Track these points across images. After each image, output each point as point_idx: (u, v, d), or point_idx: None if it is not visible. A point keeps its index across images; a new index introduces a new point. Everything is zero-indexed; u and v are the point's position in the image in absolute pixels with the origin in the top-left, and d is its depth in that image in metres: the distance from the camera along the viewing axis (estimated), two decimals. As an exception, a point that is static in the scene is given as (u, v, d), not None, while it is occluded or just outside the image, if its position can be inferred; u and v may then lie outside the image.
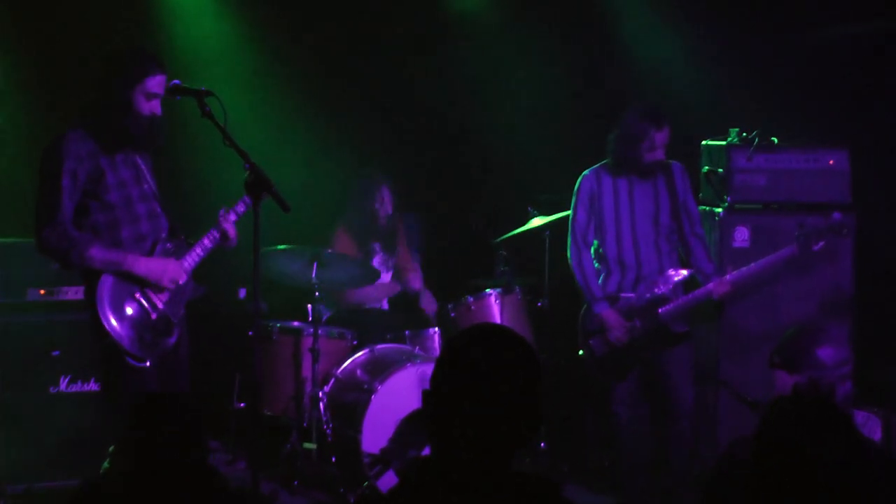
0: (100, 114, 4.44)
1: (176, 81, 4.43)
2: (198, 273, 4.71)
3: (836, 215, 5.23)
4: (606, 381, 5.52)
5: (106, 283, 4.42)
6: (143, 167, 4.60)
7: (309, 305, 5.96)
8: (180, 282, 4.50)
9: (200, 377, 4.90)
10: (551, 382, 6.04)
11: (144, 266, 4.44)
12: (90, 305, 4.42)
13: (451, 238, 6.89)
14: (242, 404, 5.97)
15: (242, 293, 5.96)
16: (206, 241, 4.59)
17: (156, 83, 4.44)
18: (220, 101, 4.32)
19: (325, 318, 6.24)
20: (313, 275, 5.75)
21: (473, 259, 6.68)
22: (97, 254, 4.39)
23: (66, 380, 5.46)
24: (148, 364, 4.39)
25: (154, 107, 4.45)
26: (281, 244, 5.68)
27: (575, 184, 5.58)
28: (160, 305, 4.50)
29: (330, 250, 5.90)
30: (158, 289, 4.48)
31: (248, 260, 4.23)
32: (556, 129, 6.82)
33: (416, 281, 6.40)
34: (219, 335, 6.05)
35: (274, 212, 4.35)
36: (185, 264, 4.57)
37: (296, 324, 5.98)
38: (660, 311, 5.39)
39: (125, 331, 4.39)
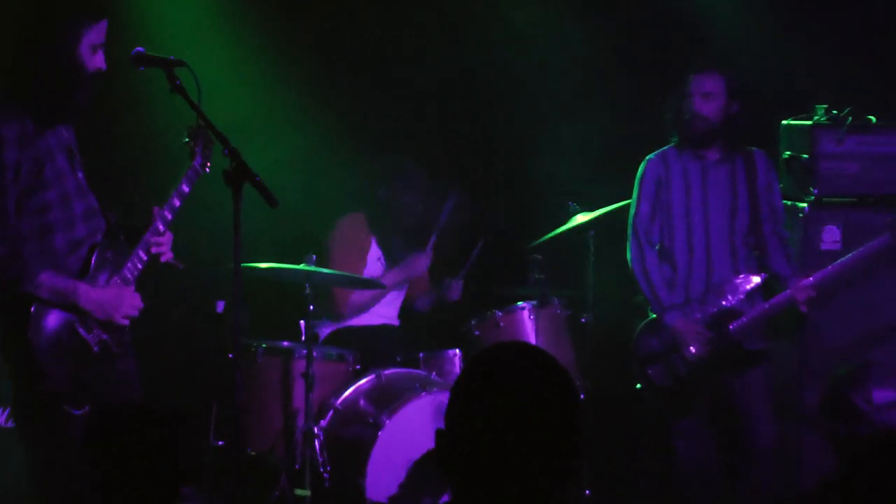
0: (38, 80, 4.32)
1: (139, 49, 4.44)
2: (165, 281, 4.77)
3: None
4: (669, 415, 5.62)
5: (41, 314, 4.31)
6: (74, 146, 4.50)
7: (301, 321, 5.94)
8: (134, 314, 4.45)
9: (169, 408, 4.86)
10: (596, 415, 6.03)
11: (96, 299, 4.37)
12: (16, 342, 4.30)
13: (473, 238, 6.81)
14: (221, 442, 5.94)
15: (220, 306, 5.95)
16: (140, 254, 4.49)
17: (99, 31, 4.37)
18: (193, 73, 4.35)
19: (321, 336, 6.29)
20: (306, 287, 5.80)
21: (500, 264, 6.72)
22: (47, 280, 4.29)
23: (4, 413, 5.48)
24: (87, 409, 4.36)
25: (99, 61, 4.36)
26: (265, 255, 5.79)
27: (637, 170, 5.66)
28: (103, 335, 4.45)
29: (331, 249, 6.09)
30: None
31: (227, 267, 4.30)
32: (602, 106, 6.86)
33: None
34: (192, 357, 6.12)
35: (258, 207, 4.39)
36: (128, 277, 4.49)
37: (285, 343, 6.00)
38: (731, 326, 5.47)
39: (65, 374, 4.34)
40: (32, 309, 4.28)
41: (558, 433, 2.28)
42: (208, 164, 4.51)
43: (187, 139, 4.49)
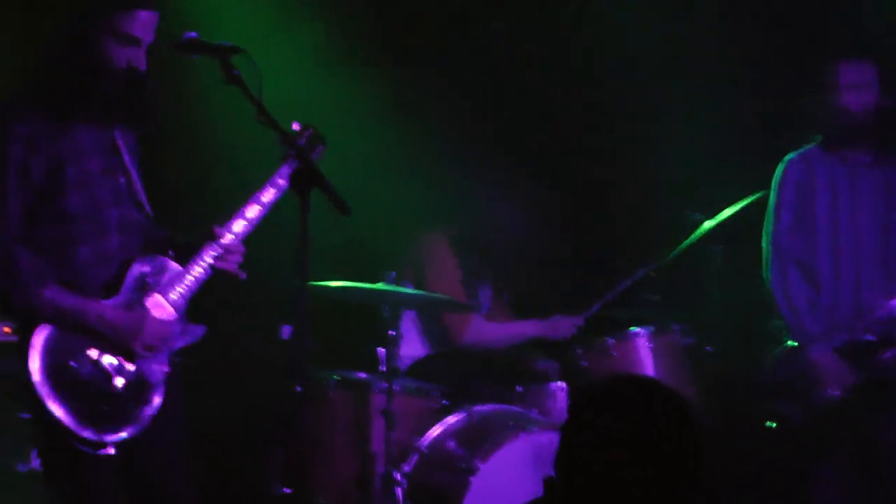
0: (55, 70, 4.30)
1: (191, 34, 4.34)
2: (220, 301, 4.70)
3: None
4: (805, 458, 5.53)
5: (41, 334, 4.22)
6: (123, 150, 4.44)
7: (380, 349, 5.76)
8: (158, 345, 4.35)
9: (226, 452, 5.16)
10: (721, 457, 5.87)
11: (111, 321, 4.28)
12: (21, 368, 4.24)
13: (574, 250, 6.87)
14: (287, 489, 5.50)
15: (286, 332, 5.63)
16: (194, 272, 4.42)
17: (133, 22, 4.25)
18: (253, 61, 4.25)
19: (403, 366, 6.03)
20: (384, 309, 5.70)
21: (607, 281, 6.50)
22: (50, 296, 4.23)
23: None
24: (112, 452, 4.25)
25: (133, 57, 4.26)
26: (336, 272, 5.69)
27: (774, 173, 5.58)
28: (128, 366, 4.32)
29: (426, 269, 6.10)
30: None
31: (293, 285, 4.21)
32: (722, 98, 6.71)
33: (566, 327, 6.27)
34: (253, 392, 6.13)
35: (328, 216, 4.25)
36: (172, 299, 4.41)
37: (361, 375, 5.85)
38: (884, 357, 5.38)
39: (69, 406, 4.22)
40: (35, 330, 4.22)
41: (681, 477, 2.32)
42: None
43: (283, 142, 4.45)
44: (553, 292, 6.61)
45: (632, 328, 6.06)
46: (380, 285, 5.64)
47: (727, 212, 6.00)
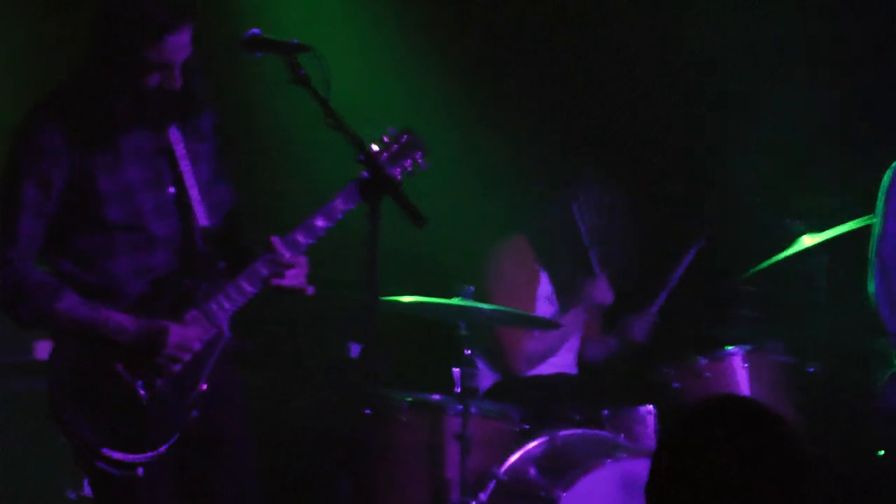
0: (83, 85, 4.24)
1: (255, 31, 4.27)
2: (284, 318, 4.82)
3: None
4: None
5: (66, 349, 4.23)
6: (180, 157, 4.38)
7: (455, 369, 5.66)
8: (183, 356, 4.27)
9: (292, 479, 5.20)
10: (827, 490, 5.55)
11: (132, 331, 4.24)
12: (47, 381, 4.27)
13: (662, 258, 6.67)
14: None
15: (354, 350, 5.82)
16: (243, 285, 4.34)
17: (161, 49, 4.14)
18: (321, 60, 4.16)
19: (481, 388, 6.06)
20: (461, 326, 5.62)
21: (701, 297, 6.53)
22: (68, 307, 4.21)
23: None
24: (140, 472, 4.21)
25: (166, 78, 4.18)
26: (408, 286, 5.59)
27: (882, 179, 5.39)
28: (158, 381, 4.27)
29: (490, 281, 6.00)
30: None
31: (362, 301, 4.19)
32: (825, 99, 6.63)
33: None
34: (319, 415, 6.08)
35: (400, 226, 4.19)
36: (214, 312, 4.34)
37: (435, 397, 5.73)
38: None
39: (92, 424, 4.20)
40: (58, 345, 4.27)
41: None
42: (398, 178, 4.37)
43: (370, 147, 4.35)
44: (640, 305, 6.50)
45: (726, 347, 5.98)
46: (456, 300, 5.59)
47: (833, 232, 5.91)
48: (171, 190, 4.37)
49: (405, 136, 4.37)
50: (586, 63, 6.98)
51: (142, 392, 4.26)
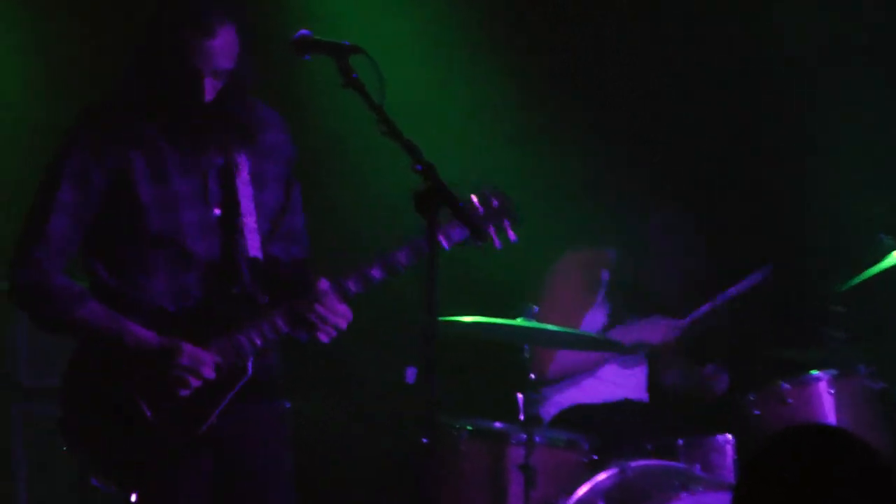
0: (131, 85, 4.33)
1: (304, 32, 4.19)
2: (328, 343, 4.48)
3: None
4: None
5: (81, 359, 4.28)
6: (240, 179, 4.41)
7: (519, 395, 5.63)
8: (188, 383, 4.25)
9: None
10: None
11: (146, 343, 4.27)
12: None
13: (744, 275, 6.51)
14: None
15: (411, 375, 5.72)
16: (278, 322, 4.31)
17: (201, 48, 4.21)
18: (374, 62, 4.07)
19: (547, 415, 6.06)
20: (524, 349, 5.60)
21: (783, 317, 6.52)
22: (87, 314, 4.25)
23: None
24: (133, 499, 4.22)
25: (208, 89, 4.23)
26: (468, 306, 5.56)
27: None
28: (165, 404, 4.29)
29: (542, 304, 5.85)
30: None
31: (419, 322, 4.01)
32: None
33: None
34: (374, 444, 6.17)
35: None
36: (241, 343, 4.30)
37: (497, 425, 5.68)
38: None
39: (92, 441, 4.25)
40: (73, 357, 4.34)
41: None
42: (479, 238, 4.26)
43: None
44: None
45: (811, 371, 5.88)
46: (519, 321, 5.52)
47: None
48: (217, 212, 4.39)
49: (496, 201, 4.39)
50: (648, 74, 6.94)
51: (147, 413, 4.27)
